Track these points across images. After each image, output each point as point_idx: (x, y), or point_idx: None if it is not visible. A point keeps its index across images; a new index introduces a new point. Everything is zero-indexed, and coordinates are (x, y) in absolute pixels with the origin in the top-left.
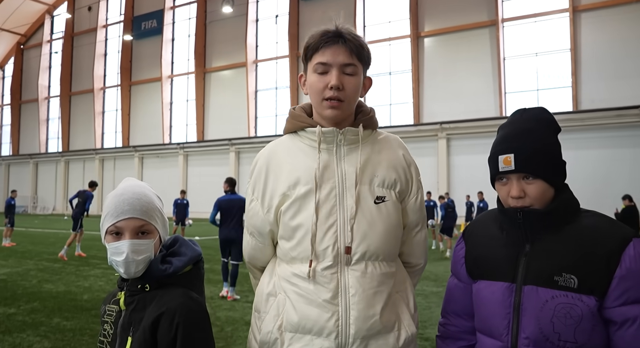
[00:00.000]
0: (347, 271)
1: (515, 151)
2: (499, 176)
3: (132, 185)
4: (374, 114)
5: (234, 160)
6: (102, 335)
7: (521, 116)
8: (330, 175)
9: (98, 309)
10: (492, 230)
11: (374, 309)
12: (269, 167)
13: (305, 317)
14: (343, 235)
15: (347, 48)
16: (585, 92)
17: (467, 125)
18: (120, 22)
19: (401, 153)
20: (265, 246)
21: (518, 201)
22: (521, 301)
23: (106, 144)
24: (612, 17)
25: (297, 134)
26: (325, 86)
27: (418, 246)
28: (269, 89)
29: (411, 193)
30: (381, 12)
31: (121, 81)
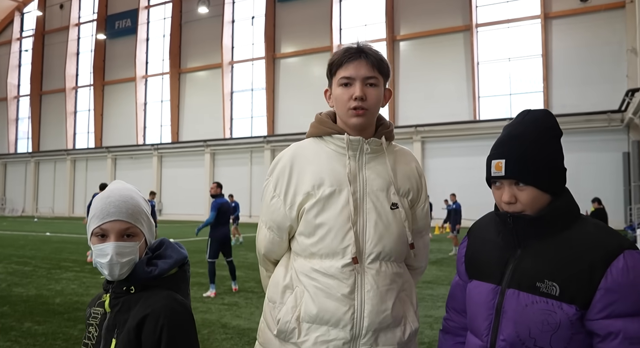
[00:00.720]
0: (365, 269)
1: (507, 157)
2: (493, 180)
3: (119, 188)
4: (392, 128)
5: (209, 161)
6: (86, 337)
7: (522, 118)
8: (354, 180)
9: (71, 313)
10: (490, 231)
11: (386, 304)
12: (293, 166)
13: (324, 309)
14: (362, 235)
15: (368, 62)
16: (556, 98)
17: (442, 128)
18: (93, 20)
19: (414, 165)
20: (282, 241)
21: (510, 207)
22: (503, 303)
23: (78, 145)
24: (581, 24)
25: (322, 139)
26: (350, 97)
27: (422, 250)
28: (244, 91)
29: (420, 201)
30: (357, 15)
31: (94, 81)
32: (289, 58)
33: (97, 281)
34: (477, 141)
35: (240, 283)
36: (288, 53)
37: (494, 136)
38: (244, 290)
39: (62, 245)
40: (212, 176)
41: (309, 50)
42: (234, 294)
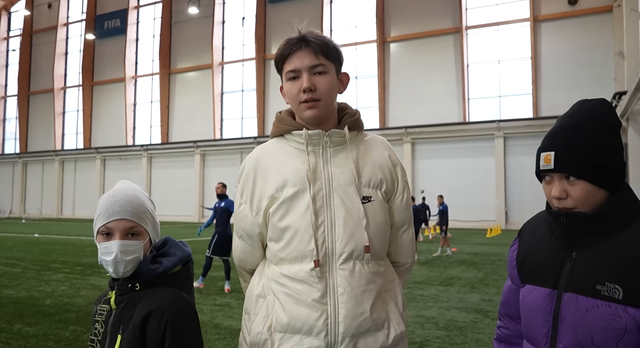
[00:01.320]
0: (336, 270)
1: (557, 149)
2: (542, 174)
3: (124, 187)
4: (359, 116)
5: (199, 162)
6: (92, 333)
7: (578, 108)
8: (318, 176)
9: (62, 314)
10: (541, 231)
11: (363, 307)
12: (256, 170)
13: (295, 317)
14: (331, 235)
15: (311, 50)
16: (545, 100)
17: (432, 130)
18: (82, 20)
19: (387, 153)
20: (255, 249)
21: (560, 202)
22: (560, 309)
23: (67, 146)
24: (570, 27)
25: (284, 137)
26: (299, 90)
27: (405, 245)
28: (235, 92)
29: (397, 192)
30: (348, 17)
31: (83, 81)
32: None
33: (87, 283)
34: (467, 143)
35: (232, 284)
36: None
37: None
38: (235, 290)
39: (51, 247)
40: (202, 177)
41: None
42: (225, 295)
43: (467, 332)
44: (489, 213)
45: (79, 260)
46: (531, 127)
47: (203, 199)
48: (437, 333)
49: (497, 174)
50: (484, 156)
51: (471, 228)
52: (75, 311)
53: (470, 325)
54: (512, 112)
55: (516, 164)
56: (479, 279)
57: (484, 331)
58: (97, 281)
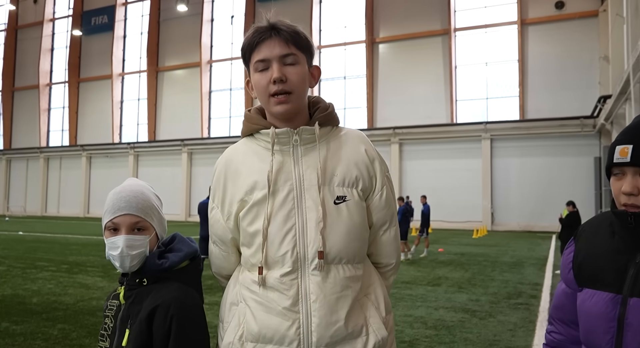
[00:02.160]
0: (308, 276)
1: (635, 142)
2: (614, 169)
3: (131, 184)
4: (332, 110)
5: (186, 161)
6: (103, 328)
7: None
8: (287, 177)
9: (49, 313)
10: (602, 233)
11: (337, 315)
12: (227, 173)
13: (266, 326)
14: (302, 239)
15: (282, 38)
16: (532, 102)
17: (419, 130)
18: (68, 16)
19: (363, 148)
20: (229, 255)
21: (630, 198)
22: (626, 314)
23: (52, 143)
24: (556, 31)
25: (253, 137)
26: (269, 81)
27: (387, 245)
28: (223, 90)
29: (375, 190)
30: (337, 17)
31: (69, 78)
32: None
33: (74, 281)
34: (454, 144)
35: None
36: None
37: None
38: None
39: (36, 244)
40: (189, 176)
41: None
42: (214, 294)
43: (456, 331)
44: (475, 214)
45: (65, 258)
46: (518, 129)
47: (190, 198)
48: (426, 333)
49: (483, 176)
50: (471, 158)
51: (458, 228)
52: (62, 309)
53: (458, 325)
54: (499, 114)
55: (503, 165)
56: (466, 279)
57: (472, 330)
58: (84, 279)
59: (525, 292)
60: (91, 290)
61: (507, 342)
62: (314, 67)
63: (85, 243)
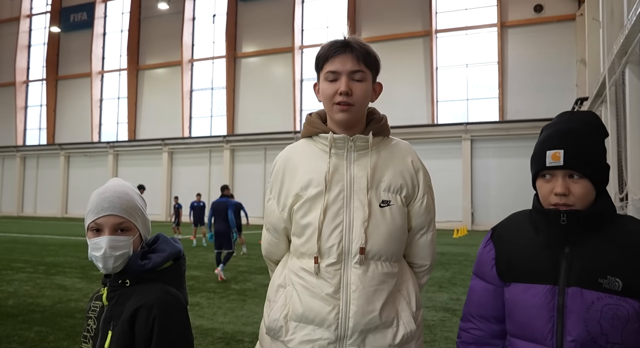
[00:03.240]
0: (350, 268)
1: (565, 147)
2: (544, 172)
3: (114, 184)
4: (385, 121)
5: (166, 161)
6: (85, 330)
7: (569, 117)
8: (340, 178)
9: (25, 315)
10: (526, 231)
11: (373, 305)
12: (285, 169)
13: (309, 309)
14: (348, 235)
15: (354, 56)
16: (511, 104)
17: (401, 131)
18: (46, 12)
19: (410, 159)
20: (280, 242)
21: (561, 199)
22: (565, 303)
23: (29, 141)
24: (535, 34)
25: (312, 139)
26: (335, 92)
27: (423, 248)
28: (204, 89)
29: (417, 197)
30: (319, 17)
31: (47, 75)
32: (250, 58)
33: (51, 282)
34: (435, 145)
35: (201, 283)
36: (249, 53)
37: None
38: (205, 290)
39: (12, 245)
40: (170, 176)
41: (270, 50)
42: (196, 294)
43: (436, 330)
44: (456, 214)
45: (42, 259)
46: (497, 130)
47: (170, 198)
48: None
49: (464, 176)
50: (452, 158)
51: (438, 228)
52: (40, 311)
53: (439, 324)
54: (479, 116)
55: (483, 166)
56: (446, 279)
57: (453, 329)
58: (61, 280)
59: None
60: (69, 291)
61: None
62: (376, 83)
63: (64, 243)
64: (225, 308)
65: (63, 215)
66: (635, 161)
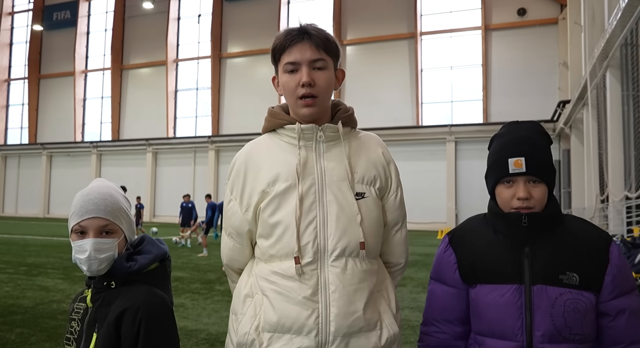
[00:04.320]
0: (328, 267)
1: (527, 155)
2: (506, 179)
3: (99, 185)
4: (353, 112)
5: (151, 161)
6: (68, 332)
7: (519, 126)
8: (310, 171)
9: (6, 316)
10: (485, 234)
11: (355, 306)
12: (247, 166)
13: (285, 315)
14: (323, 231)
15: (313, 43)
16: (495, 106)
17: (386, 133)
18: (29, 10)
19: (380, 150)
20: (244, 247)
21: (523, 202)
22: (532, 300)
23: (10, 141)
24: (518, 37)
25: (276, 132)
26: (297, 84)
27: (398, 245)
28: (189, 90)
29: (390, 190)
30: (305, 18)
31: (29, 74)
32: (235, 58)
33: (33, 283)
34: (420, 146)
35: (185, 284)
36: (235, 53)
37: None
38: (189, 291)
39: None
40: (154, 176)
41: (256, 51)
42: (180, 295)
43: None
44: (440, 215)
45: (23, 259)
46: (481, 132)
47: (155, 198)
48: None
49: (448, 178)
50: (436, 160)
51: (422, 229)
52: (21, 313)
53: None
54: (463, 117)
55: (467, 168)
56: None
57: None
58: (43, 282)
59: None
60: (51, 292)
61: None
62: (338, 70)
63: (45, 244)
64: (210, 309)
65: (45, 215)
66: (616, 163)
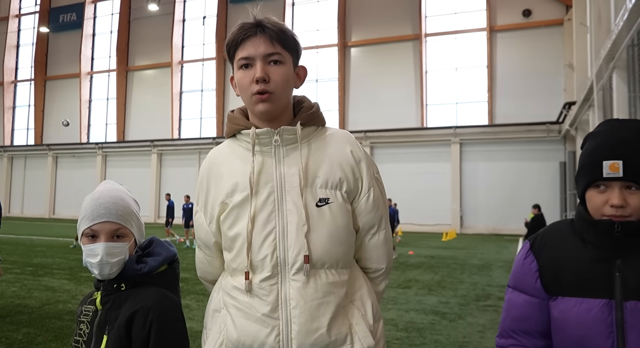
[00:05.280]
0: (288, 282)
1: (625, 157)
2: (598, 183)
3: (109, 188)
4: (317, 109)
5: (155, 162)
6: (77, 334)
7: (621, 124)
8: (268, 179)
9: (13, 316)
10: (571, 242)
11: (319, 322)
12: (210, 175)
13: (245, 333)
14: (282, 243)
15: (267, 37)
16: (500, 107)
17: (390, 134)
18: (35, 12)
19: (349, 149)
20: (214, 259)
21: (618, 210)
22: (624, 318)
23: (16, 142)
24: (524, 38)
25: (236, 138)
26: (251, 80)
27: (376, 250)
28: (194, 91)
29: (362, 192)
30: (310, 20)
31: (35, 75)
32: None
33: (39, 284)
34: (424, 148)
35: (191, 285)
36: None
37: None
38: (195, 292)
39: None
40: (159, 177)
41: None
42: (185, 296)
43: (426, 333)
44: (445, 217)
45: (29, 260)
46: (486, 134)
47: (159, 199)
48: (397, 335)
49: (452, 179)
50: (441, 161)
51: (427, 231)
52: (27, 313)
53: (428, 327)
54: (468, 119)
55: (471, 169)
56: (435, 282)
57: (442, 332)
58: (49, 282)
59: (493, 294)
60: (57, 293)
61: (477, 344)
62: (299, 67)
63: (51, 244)
64: None
65: (50, 216)
66: None
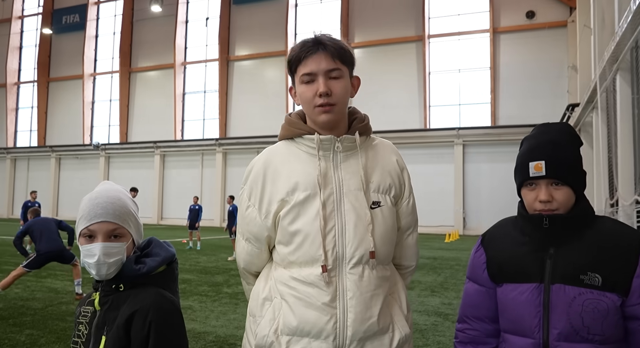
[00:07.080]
0: (345, 275)
1: (546, 158)
2: (528, 182)
3: (107, 189)
4: (368, 121)
5: (158, 163)
6: (75, 335)
7: (548, 128)
8: (329, 181)
9: (16, 318)
10: (513, 235)
11: (371, 311)
12: (266, 173)
13: (304, 320)
14: (341, 239)
15: (328, 53)
16: (503, 109)
17: (393, 135)
18: (38, 14)
19: (395, 158)
20: (262, 252)
21: (546, 205)
22: (550, 299)
23: (19, 143)
24: (527, 40)
25: (294, 140)
26: (315, 93)
27: (410, 248)
28: (197, 92)
29: (404, 196)
30: (312, 21)
31: (38, 77)
32: (243, 61)
33: (42, 285)
34: (427, 149)
35: (193, 286)
36: (242, 56)
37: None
38: (197, 293)
39: (2, 248)
40: (162, 179)
41: (263, 53)
42: (188, 298)
43: (429, 335)
44: (448, 218)
45: None
46: (489, 135)
47: (162, 201)
48: None
49: (455, 181)
50: (444, 163)
51: (430, 233)
52: (30, 314)
53: (431, 328)
54: (471, 121)
55: (475, 171)
56: (438, 283)
57: (445, 333)
58: (52, 283)
59: None
60: (60, 294)
61: None
62: (354, 78)
63: None
64: (218, 311)
65: (54, 217)
66: (626, 167)
